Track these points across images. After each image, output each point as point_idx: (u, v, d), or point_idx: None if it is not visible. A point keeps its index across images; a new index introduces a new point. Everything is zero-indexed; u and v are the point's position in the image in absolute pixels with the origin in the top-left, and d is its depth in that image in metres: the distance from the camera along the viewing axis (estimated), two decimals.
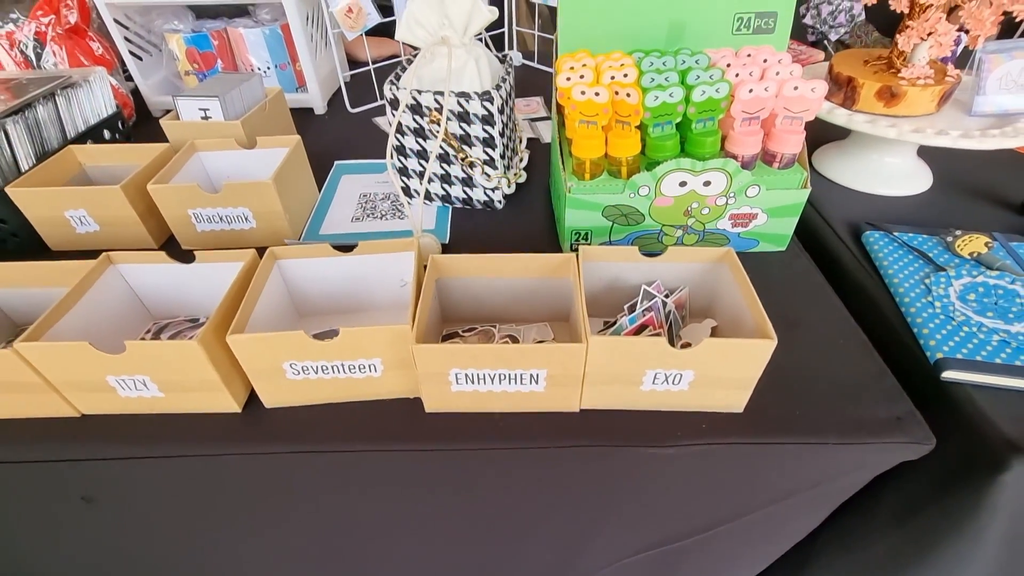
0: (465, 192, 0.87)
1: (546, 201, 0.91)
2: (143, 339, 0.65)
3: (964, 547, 0.60)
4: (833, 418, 0.55)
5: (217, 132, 0.89)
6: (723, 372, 0.52)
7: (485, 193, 0.86)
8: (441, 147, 0.81)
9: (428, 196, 0.88)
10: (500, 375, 0.52)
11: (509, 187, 0.86)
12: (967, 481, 0.56)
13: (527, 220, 0.86)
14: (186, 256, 0.62)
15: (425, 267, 0.59)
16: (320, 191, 0.94)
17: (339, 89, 1.29)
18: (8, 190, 0.74)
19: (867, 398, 0.57)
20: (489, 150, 0.81)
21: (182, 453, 0.55)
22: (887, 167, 0.91)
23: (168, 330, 0.66)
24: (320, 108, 1.24)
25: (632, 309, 0.60)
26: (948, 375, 0.58)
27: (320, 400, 0.58)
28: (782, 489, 0.59)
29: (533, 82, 1.37)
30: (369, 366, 0.55)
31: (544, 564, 0.70)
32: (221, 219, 0.77)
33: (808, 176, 0.71)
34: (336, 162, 1.02)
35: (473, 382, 0.53)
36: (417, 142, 0.82)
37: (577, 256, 0.60)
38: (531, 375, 0.52)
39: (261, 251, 0.61)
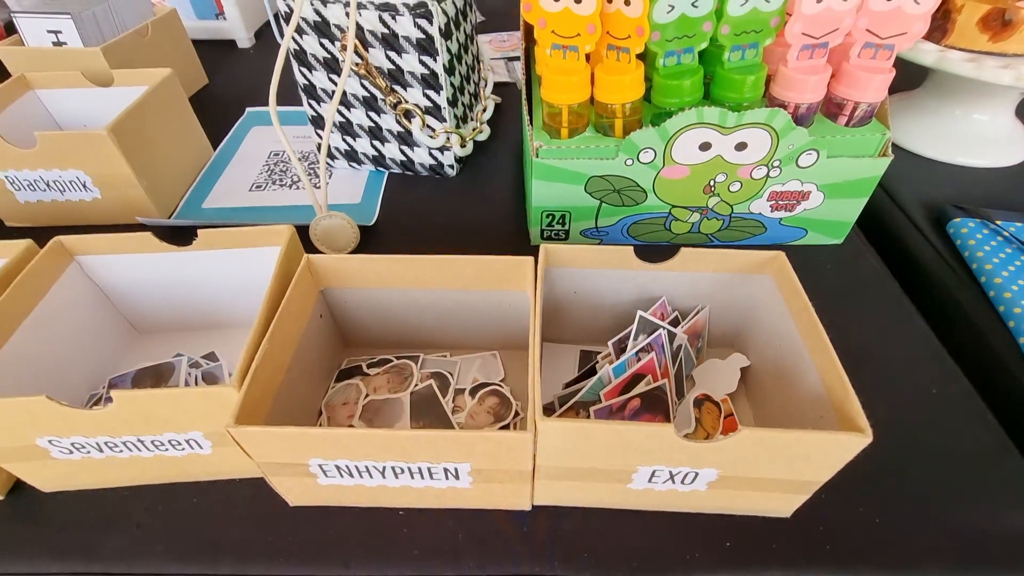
0: (403, 152, 0.63)
1: (516, 168, 0.68)
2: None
3: None
4: (939, 532, 0.35)
5: (72, 63, 0.65)
6: (768, 472, 0.31)
7: (431, 154, 0.63)
8: (363, 87, 0.58)
9: (354, 157, 0.65)
10: (393, 469, 0.31)
11: (463, 147, 0.63)
12: None
13: (489, 194, 0.64)
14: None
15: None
16: (217, 148, 0.71)
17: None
18: None
19: (992, 494, 0.36)
20: (432, 93, 0.57)
21: None
22: (976, 128, 0.68)
23: None
24: (244, 40, 0.99)
25: (621, 346, 0.38)
26: None
27: (123, 482, 0.37)
28: None
29: (515, 14, 1.10)
30: (188, 442, 0.33)
31: None
32: (48, 186, 0.55)
33: (890, 139, 0.48)
34: (247, 109, 0.79)
35: (351, 475, 0.32)
36: (330, 79, 0.58)
37: (536, 260, 0.38)
38: (445, 470, 0.31)
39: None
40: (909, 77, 0.67)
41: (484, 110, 0.69)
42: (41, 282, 0.38)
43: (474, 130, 0.65)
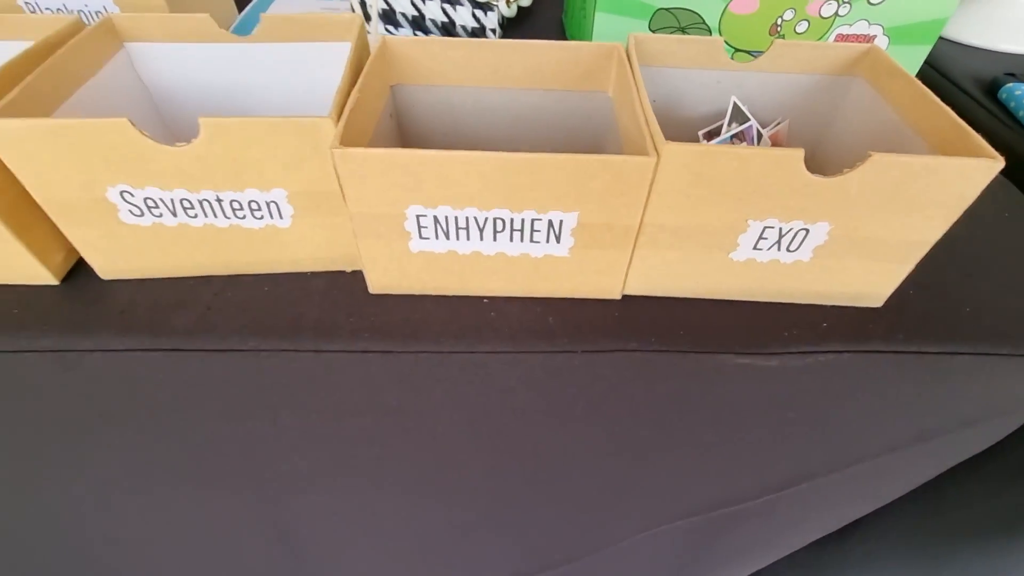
0: (445, 12, 0.61)
1: (559, 38, 0.66)
2: None
3: None
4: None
5: None
6: (884, 225, 0.30)
7: (473, 16, 0.61)
8: None
9: (391, 19, 0.62)
10: (496, 221, 0.30)
11: (509, 7, 0.60)
12: None
13: None
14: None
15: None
16: (241, 13, 0.67)
17: None
18: None
19: None
20: None
21: None
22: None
23: None
24: None
25: (712, 137, 0.37)
26: None
27: (189, 270, 0.35)
28: (921, 427, 0.39)
29: None
30: (268, 205, 0.31)
31: (550, 526, 0.50)
32: (65, 9, 0.51)
33: None
34: None
35: (448, 235, 0.31)
36: None
37: (629, 51, 0.36)
38: (550, 224, 0.30)
39: None
40: None
41: None
42: (84, 65, 0.35)
43: None
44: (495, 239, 0.31)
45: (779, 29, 0.49)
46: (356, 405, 0.36)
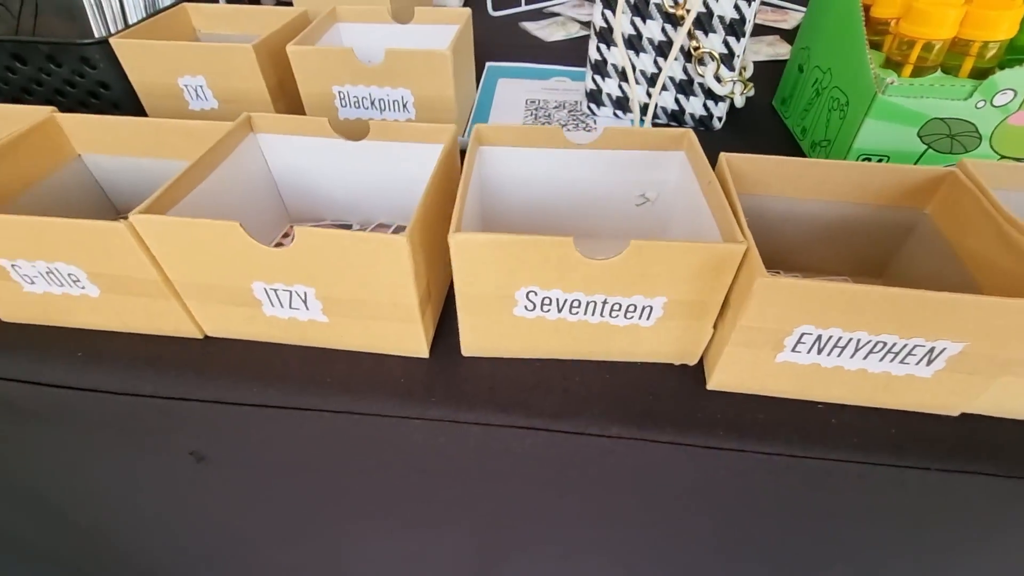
0: (678, 102, 0.65)
1: (774, 125, 0.68)
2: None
3: None
4: None
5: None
6: None
7: (704, 106, 0.64)
8: (663, 31, 0.60)
9: (622, 105, 0.67)
10: (878, 344, 0.32)
11: (740, 97, 0.64)
12: None
13: (756, 145, 0.64)
14: (355, 129, 0.44)
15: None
16: (476, 96, 0.74)
17: None
18: (115, 41, 0.57)
19: None
20: (732, 40, 0.59)
21: (339, 408, 0.37)
22: None
23: None
24: (455, 4, 1.04)
25: None
26: None
27: (549, 354, 0.39)
28: None
29: None
30: (643, 309, 0.35)
31: None
32: (372, 104, 0.59)
33: None
34: (488, 63, 0.82)
35: (821, 350, 0.33)
36: (633, 23, 0.60)
37: (971, 177, 0.38)
38: (931, 350, 0.32)
39: None
40: None
41: (744, 68, 0.70)
42: (469, 168, 0.40)
43: (746, 86, 0.66)
44: (865, 358, 0.33)
45: None
46: (668, 490, 0.39)
